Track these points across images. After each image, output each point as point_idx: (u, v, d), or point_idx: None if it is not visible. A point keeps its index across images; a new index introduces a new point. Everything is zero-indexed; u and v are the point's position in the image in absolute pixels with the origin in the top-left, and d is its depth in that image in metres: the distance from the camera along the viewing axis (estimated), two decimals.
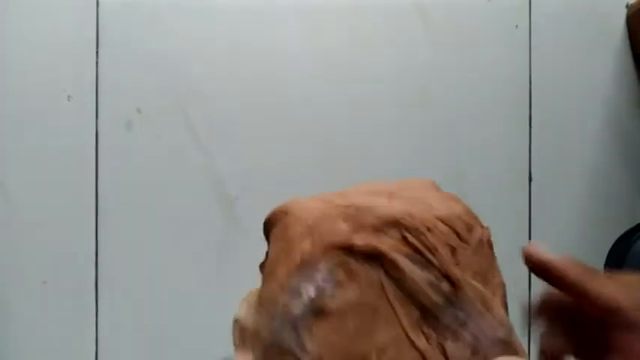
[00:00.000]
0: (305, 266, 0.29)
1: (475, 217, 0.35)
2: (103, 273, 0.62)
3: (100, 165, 0.62)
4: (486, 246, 0.34)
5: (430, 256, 0.30)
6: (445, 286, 0.30)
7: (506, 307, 0.33)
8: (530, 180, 0.67)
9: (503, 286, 0.33)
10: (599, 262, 0.68)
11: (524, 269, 0.70)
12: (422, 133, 0.66)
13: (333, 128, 0.65)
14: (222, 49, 0.63)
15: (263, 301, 0.29)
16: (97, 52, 0.62)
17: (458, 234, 0.32)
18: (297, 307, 0.28)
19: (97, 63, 0.62)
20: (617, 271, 0.65)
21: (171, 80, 0.63)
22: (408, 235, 0.30)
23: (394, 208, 0.30)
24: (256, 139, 0.64)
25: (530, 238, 0.67)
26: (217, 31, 0.63)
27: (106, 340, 0.61)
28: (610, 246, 0.68)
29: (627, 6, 0.68)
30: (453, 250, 0.31)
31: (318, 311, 0.28)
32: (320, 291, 0.28)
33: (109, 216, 0.62)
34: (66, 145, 0.62)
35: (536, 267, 0.29)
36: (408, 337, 0.29)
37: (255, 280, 0.61)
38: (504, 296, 0.34)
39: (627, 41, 0.69)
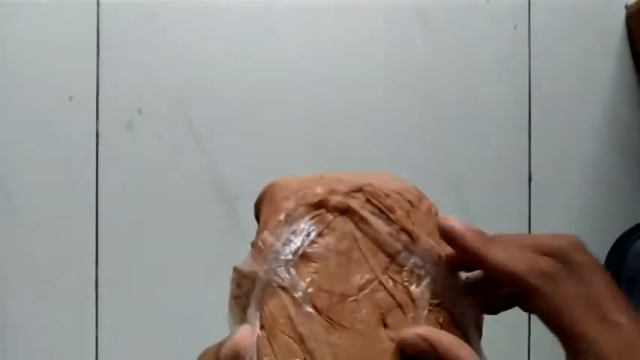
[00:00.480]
0: (291, 220, 0.35)
1: (423, 194, 0.41)
2: (103, 273, 0.62)
3: (101, 165, 0.62)
4: (434, 216, 0.39)
5: (389, 214, 0.36)
6: (404, 237, 0.36)
7: None
8: (529, 180, 0.67)
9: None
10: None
11: None
12: (421, 133, 0.66)
13: (333, 128, 0.65)
14: (222, 50, 0.63)
15: (258, 250, 0.35)
16: (97, 53, 0.62)
17: (410, 202, 0.38)
18: (287, 253, 0.34)
19: (98, 63, 0.62)
20: (617, 270, 0.65)
21: (172, 81, 0.63)
22: (370, 198, 0.36)
23: (358, 179, 0.38)
24: (257, 139, 0.64)
25: None
26: (218, 32, 0.63)
27: (106, 339, 0.62)
28: (610, 246, 0.68)
29: (626, 6, 0.69)
30: (407, 213, 0.37)
31: (303, 255, 0.34)
32: (304, 239, 0.35)
33: (110, 216, 0.62)
34: (67, 146, 0.62)
35: (443, 234, 0.34)
36: (379, 280, 0.34)
37: None
38: None
39: (626, 41, 0.69)
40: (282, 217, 0.35)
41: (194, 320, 0.63)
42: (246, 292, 0.36)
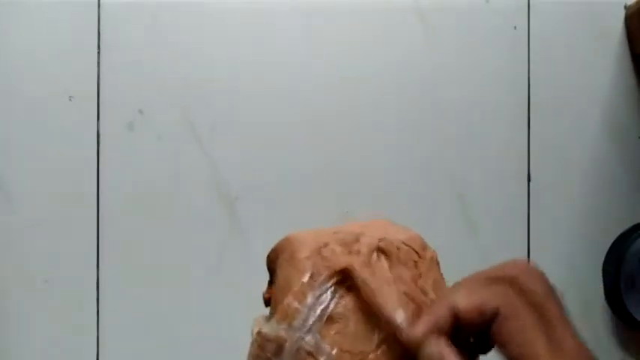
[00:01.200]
0: (314, 284, 0.36)
1: (425, 242, 0.42)
2: (104, 272, 0.62)
3: (102, 165, 0.62)
4: (435, 264, 0.41)
5: (404, 268, 0.38)
6: (416, 291, 0.37)
7: None
8: (529, 180, 0.67)
9: None
10: (598, 261, 0.68)
11: None
12: (420, 134, 0.66)
13: (333, 128, 0.65)
14: (223, 50, 0.64)
15: (283, 315, 0.36)
16: (98, 53, 0.62)
17: (417, 252, 0.40)
18: (312, 318, 0.35)
19: (98, 64, 0.62)
20: (616, 270, 0.65)
21: (172, 81, 0.63)
22: (385, 251, 0.38)
23: (373, 235, 0.39)
24: (257, 139, 0.64)
25: (529, 239, 0.67)
26: (219, 32, 0.63)
27: (107, 339, 0.62)
28: (609, 246, 0.68)
29: (626, 7, 0.69)
30: (415, 264, 0.39)
31: (327, 318, 0.35)
32: (328, 304, 0.36)
33: (111, 216, 0.62)
34: (67, 146, 0.62)
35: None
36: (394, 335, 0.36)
37: (254, 281, 0.61)
38: None
39: (626, 42, 0.69)
40: (305, 279, 0.36)
41: (194, 320, 0.63)
42: (269, 356, 0.36)
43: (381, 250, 0.38)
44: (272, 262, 0.41)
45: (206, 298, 0.63)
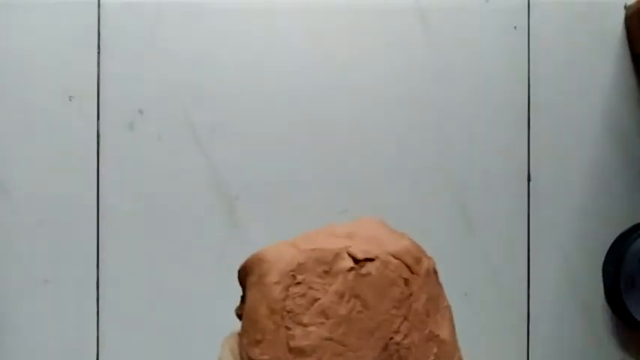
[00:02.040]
0: (281, 311, 0.33)
1: (421, 250, 0.39)
2: (104, 272, 0.62)
3: (102, 165, 0.62)
4: (433, 274, 0.38)
5: (388, 290, 0.35)
6: (399, 316, 0.35)
7: (453, 328, 0.39)
8: (529, 180, 0.67)
9: (449, 308, 0.38)
10: (598, 262, 0.68)
11: (524, 271, 0.71)
12: (420, 134, 0.66)
13: (332, 128, 0.65)
14: (223, 50, 0.64)
15: (251, 346, 0.33)
16: (98, 53, 0.62)
17: (409, 267, 0.37)
18: (280, 349, 0.33)
19: (98, 63, 0.62)
20: (616, 270, 0.65)
21: (173, 81, 0.63)
22: (370, 272, 0.35)
23: (353, 249, 0.36)
24: (257, 139, 0.64)
25: (529, 239, 0.67)
26: (219, 32, 0.63)
27: (107, 339, 0.62)
28: (609, 246, 0.68)
29: (625, 7, 0.69)
30: (406, 281, 0.36)
31: (297, 351, 0.32)
32: (297, 332, 0.33)
33: (111, 216, 0.62)
34: (67, 146, 0.62)
35: None
36: None
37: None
38: (452, 319, 0.39)
39: (626, 42, 0.69)
40: (273, 307, 0.33)
41: (194, 320, 0.63)
42: None
43: (361, 275, 0.35)
44: (242, 279, 0.39)
45: (206, 297, 0.63)
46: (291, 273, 0.35)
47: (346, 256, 0.36)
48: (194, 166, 0.63)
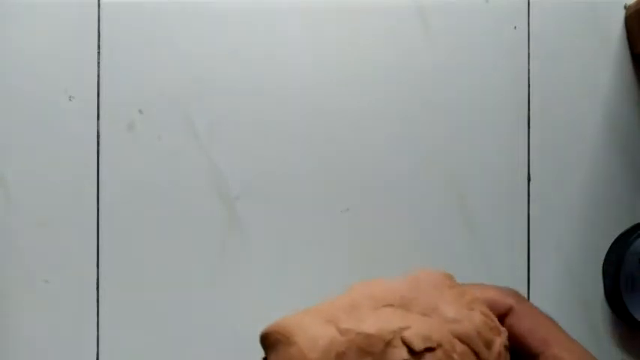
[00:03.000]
0: None
1: (495, 324, 0.31)
2: (104, 272, 0.62)
3: (102, 165, 0.62)
4: (504, 355, 0.31)
5: None
6: None
7: None
8: (529, 180, 0.67)
9: None
10: (598, 262, 0.68)
11: (524, 271, 0.71)
12: (420, 134, 0.66)
13: (332, 128, 0.65)
14: (223, 50, 0.64)
15: None
16: (98, 53, 0.62)
17: (477, 354, 0.30)
18: None
19: (98, 63, 0.62)
20: (616, 270, 0.65)
21: (172, 81, 0.63)
22: None
23: (411, 333, 0.28)
24: (257, 139, 0.64)
25: (529, 239, 0.67)
26: (219, 32, 0.63)
27: (107, 339, 0.62)
28: (609, 246, 0.68)
29: (625, 7, 0.69)
30: None
31: None
32: None
33: (110, 216, 0.62)
34: (67, 146, 0.62)
35: None
36: None
37: (255, 282, 0.61)
38: None
39: (626, 42, 0.69)
40: None
41: (194, 320, 0.63)
42: None
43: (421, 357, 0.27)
44: (265, 351, 0.31)
45: (206, 298, 0.63)
46: None
47: (400, 343, 0.28)
48: (194, 166, 0.63)
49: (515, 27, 0.68)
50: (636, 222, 0.68)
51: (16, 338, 0.61)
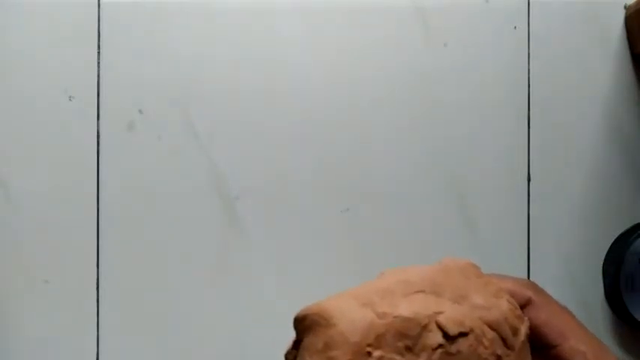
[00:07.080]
0: None
1: (519, 313, 0.32)
2: (104, 272, 0.62)
3: (102, 165, 0.62)
4: (526, 344, 0.32)
5: None
6: None
7: None
8: (528, 180, 0.67)
9: None
10: (598, 262, 0.68)
11: (524, 272, 0.71)
12: (420, 134, 0.66)
13: (332, 128, 0.65)
14: (223, 50, 0.64)
15: None
16: (98, 53, 0.62)
17: (504, 340, 0.31)
18: None
19: (98, 63, 0.62)
20: (616, 270, 0.65)
21: (173, 81, 0.63)
22: (458, 349, 0.28)
23: (445, 318, 0.28)
24: (257, 139, 0.64)
25: (529, 239, 0.67)
26: (219, 32, 0.63)
27: (107, 339, 0.62)
28: (609, 246, 0.68)
29: (625, 7, 0.69)
30: (499, 359, 0.30)
31: None
32: None
33: (110, 216, 0.62)
34: (67, 146, 0.62)
35: None
36: None
37: (255, 281, 0.61)
38: None
39: (626, 42, 0.69)
40: None
41: (194, 320, 0.63)
42: None
43: (449, 354, 0.28)
44: (298, 329, 0.31)
45: (206, 298, 0.63)
46: (367, 349, 0.27)
47: (435, 328, 0.29)
48: (194, 166, 0.63)
49: (515, 27, 0.68)
50: (636, 222, 0.68)
51: (16, 338, 0.61)
